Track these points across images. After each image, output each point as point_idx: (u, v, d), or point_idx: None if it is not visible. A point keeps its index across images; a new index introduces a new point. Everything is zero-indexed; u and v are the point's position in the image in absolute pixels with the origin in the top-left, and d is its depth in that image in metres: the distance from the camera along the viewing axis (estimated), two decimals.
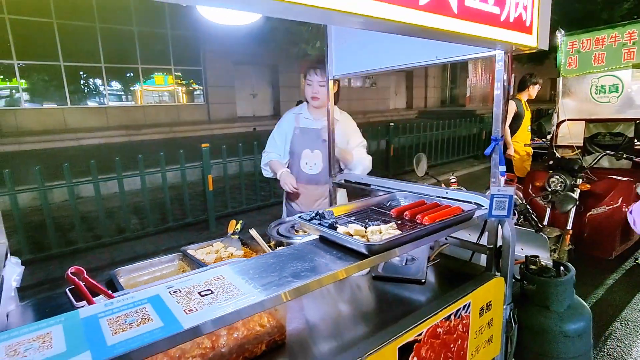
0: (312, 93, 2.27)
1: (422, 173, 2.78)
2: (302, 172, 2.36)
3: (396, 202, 1.64)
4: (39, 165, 4.14)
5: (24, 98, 12.79)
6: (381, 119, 16.55)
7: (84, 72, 13.84)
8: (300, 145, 2.35)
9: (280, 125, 2.42)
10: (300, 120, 2.38)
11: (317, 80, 2.24)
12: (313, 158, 2.35)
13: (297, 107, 2.45)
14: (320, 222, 1.23)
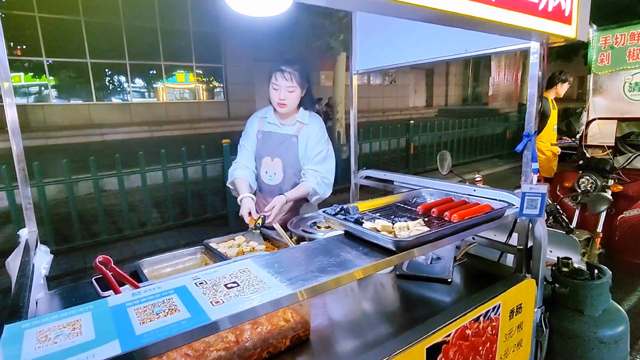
0: (279, 99, 1.94)
1: (446, 171, 2.72)
2: (262, 182, 2.11)
3: (422, 199, 1.60)
4: (65, 159, 4.26)
5: (52, 94, 13.22)
6: (400, 117, 16.37)
7: (109, 69, 14.20)
8: (260, 151, 2.08)
9: (246, 130, 2.12)
10: (264, 124, 2.08)
11: (286, 85, 1.91)
12: (273, 166, 2.07)
13: (263, 110, 2.14)
14: (346, 217, 1.20)
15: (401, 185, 2.00)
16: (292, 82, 1.92)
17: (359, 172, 2.24)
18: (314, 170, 2.06)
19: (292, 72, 1.91)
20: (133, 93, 14.81)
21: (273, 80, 1.93)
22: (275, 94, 1.94)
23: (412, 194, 1.60)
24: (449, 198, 1.48)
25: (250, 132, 2.10)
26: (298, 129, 2.05)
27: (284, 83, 1.92)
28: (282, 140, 2.05)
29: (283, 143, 2.05)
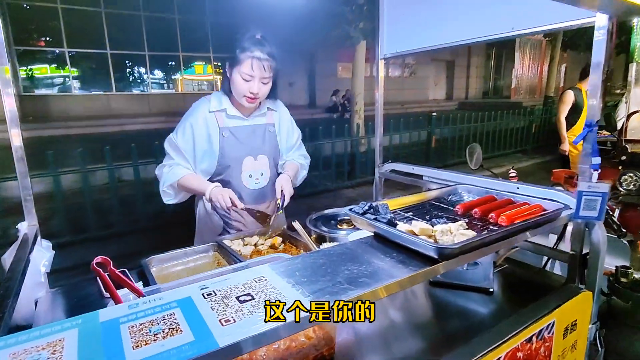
0: (250, 92, 1.58)
1: (477, 166, 2.52)
2: (246, 188, 1.73)
3: (458, 196, 1.42)
4: (83, 148, 4.22)
5: (74, 85, 13.40)
6: (419, 110, 15.99)
7: (128, 60, 14.31)
8: (236, 151, 1.69)
9: (191, 128, 1.64)
10: (223, 118, 1.67)
11: (261, 76, 1.57)
12: (258, 167, 1.75)
13: (206, 100, 1.69)
14: (376, 217, 1.04)
15: (430, 180, 1.83)
16: (268, 73, 1.58)
17: (383, 165, 2.07)
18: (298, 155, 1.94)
19: (269, 60, 1.56)
20: (152, 84, 14.92)
21: (244, 69, 1.54)
22: (245, 85, 1.57)
23: (447, 191, 1.43)
24: (491, 196, 1.30)
25: (202, 131, 1.65)
26: (270, 117, 1.80)
27: (260, 74, 1.56)
28: (260, 134, 1.75)
29: (263, 136, 1.76)
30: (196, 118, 1.65)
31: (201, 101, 1.70)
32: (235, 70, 1.57)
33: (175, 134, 1.67)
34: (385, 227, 0.99)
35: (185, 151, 1.66)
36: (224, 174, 1.70)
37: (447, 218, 1.16)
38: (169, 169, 1.67)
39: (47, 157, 3.94)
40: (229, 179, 1.71)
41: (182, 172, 1.65)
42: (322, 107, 16.03)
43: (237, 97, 1.63)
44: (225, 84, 1.66)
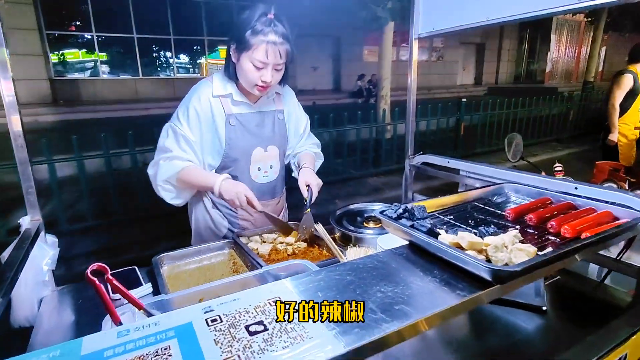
0: (262, 81, 1.38)
1: (516, 158, 2.30)
2: (254, 183, 1.56)
3: (504, 197, 1.24)
4: (109, 132, 4.21)
5: (102, 69, 13.60)
6: (447, 96, 15.44)
7: (154, 45, 14.37)
8: (245, 142, 1.50)
9: (196, 114, 1.43)
10: (229, 105, 1.47)
11: (275, 62, 1.36)
12: (268, 159, 1.57)
13: (210, 84, 1.47)
14: (413, 224, 0.89)
15: (469, 175, 1.64)
16: (283, 58, 1.39)
17: (415, 156, 1.89)
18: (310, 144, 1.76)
19: (284, 43, 1.36)
20: (177, 68, 14.98)
21: (256, 55, 1.33)
22: (256, 74, 1.37)
23: (492, 191, 1.24)
24: (546, 199, 1.12)
25: (208, 117, 1.45)
26: (279, 102, 1.61)
27: (274, 60, 1.36)
28: (269, 122, 1.56)
29: (273, 124, 1.57)
30: (200, 103, 1.44)
31: (202, 84, 1.48)
32: (245, 56, 1.36)
33: (178, 122, 1.44)
34: (425, 237, 0.83)
35: (193, 142, 1.45)
36: (231, 168, 1.51)
37: (496, 225, 0.99)
38: (165, 162, 1.43)
39: (72, 141, 3.95)
40: (237, 174, 1.52)
41: (182, 164, 1.42)
42: (347, 92, 15.70)
43: (247, 86, 1.44)
44: (230, 69, 1.45)
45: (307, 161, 1.62)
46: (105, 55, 13.71)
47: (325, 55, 16.51)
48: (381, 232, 1.48)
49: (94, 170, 4.62)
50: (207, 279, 1.27)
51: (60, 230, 4.06)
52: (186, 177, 1.43)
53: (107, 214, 4.39)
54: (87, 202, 4.20)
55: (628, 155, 4.10)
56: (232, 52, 1.41)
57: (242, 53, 1.37)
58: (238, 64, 1.40)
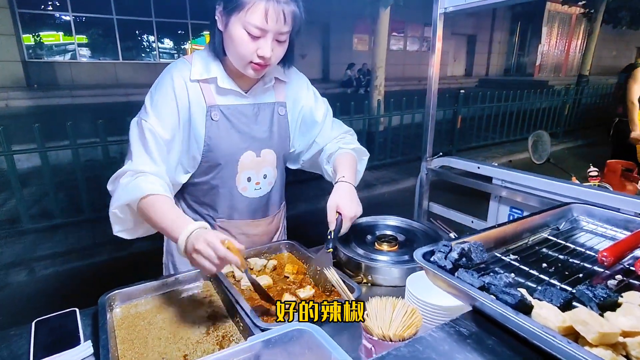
0: (257, 55, 1.01)
1: (542, 159, 2.02)
2: (241, 196, 1.21)
3: (574, 224, 0.93)
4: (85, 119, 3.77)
5: (79, 52, 12.87)
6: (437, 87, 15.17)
7: (136, 27, 13.67)
8: (231, 143, 1.13)
9: (169, 103, 1.06)
10: (214, 93, 1.11)
11: (278, 30, 0.99)
12: (261, 166, 1.21)
13: (187, 65, 1.10)
14: (489, 288, 0.57)
15: (505, 186, 1.33)
16: (289, 25, 1.01)
17: (433, 159, 1.58)
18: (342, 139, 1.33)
19: (291, 3, 0.99)
20: (160, 53, 14.32)
21: (251, 18, 0.96)
22: (251, 45, 1.00)
23: (556, 215, 0.93)
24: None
25: (183, 109, 1.08)
26: (280, 93, 1.22)
27: (276, 27, 0.98)
28: (266, 117, 1.18)
29: (271, 121, 1.19)
30: (174, 88, 1.06)
31: (178, 64, 1.10)
32: (236, 20, 0.98)
33: (145, 113, 1.06)
34: (514, 315, 0.51)
35: (166, 141, 1.06)
36: (211, 175, 1.16)
37: (586, 272, 0.68)
38: (130, 179, 1.02)
39: (34, 130, 3.51)
40: (218, 183, 1.17)
41: (151, 188, 0.99)
42: (336, 82, 15.31)
43: (237, 63, 1.05)
44: (216, 40, 1.06)
45: (346, 169, 1.19)
46: (84, 37, 12.97)
47: (314, 43, 16.04)
48: (398, 259, 1.17)
49: (63, 162, 4.19)
50: (173, 329, 0.94)
51: (23, 229, 3.66)
52: (148, 209, 0.98)
53: (77, 211, 3.98)
54: (54, 198, 3.79)
55: None
56: (219, 15, 1.03)
57: (231, 15, 0.98)
58: (226, 32, 1.02)
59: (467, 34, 21.16)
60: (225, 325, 0.95)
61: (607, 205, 0.99)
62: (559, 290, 0.59)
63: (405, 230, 1.34)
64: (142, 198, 0.98)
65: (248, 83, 1.15)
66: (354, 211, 1.10)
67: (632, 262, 0.72)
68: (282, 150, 1.24)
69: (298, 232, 1.53)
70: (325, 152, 1.30)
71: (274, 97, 1.21)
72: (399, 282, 1.10)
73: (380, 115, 6.07)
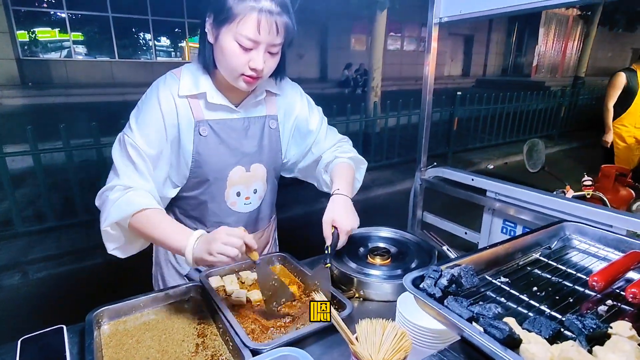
0: (250, 67, 0.99)
1: (537, 168, 2.03)
2: (230, 211, 1.20)
3: (566, 242, 0.93)
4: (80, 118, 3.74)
5: (75, 50, 12.78)
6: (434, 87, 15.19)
7: (132, 25, 13.59)
8: (220, 158, 1.12)
9: (156, 120, 1.04)
10: (203, 108, 1.09)
11: (270, 42, 0.98)
12: (251, 181, 1.19)
13: (175, 80, 1.07)
14: (478, 319, 0.56)
15: (498, 199, 1.33)
16: (281, 37, 0.99)
17: (427, 169, 1.57)
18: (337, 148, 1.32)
19: (283, 15, 0.96)
20: (157, 51, 14.24)
21: (243, 29, 0.94)
22: (243, 57, 0.98)
23: (548, 233, 0.93)
24: (637, 254, 0.80)
25: (170, 125, 1.06)
26: (271, 106, 1.20)
27: (269, 39, 0.97)
28: (256, 132, 1.16)
29: (261, 136, 1.17)
30: (160, 104, 1.04)
31: (166, 79, 1.08)
32: (227, 31, 0.96)
33: (130, 131, 1.03)
34: (502, 350, 0.50)
35: (152, 157, 1.05)
36: (200, 190, 1.15)
37: (577, 296, 0.68)
38: (120, 194, 1.00)
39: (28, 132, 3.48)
40: (206, 199, 1.15)
41: (145, 202, 0.99)
42: (333, 81, 15.29)
43: (229, 76, 1.03)
44: (206, 53, 1.04)
45: (341, 181, 1.17)
46: (79, 35, 12.88)
47: (312, 43, 16.01)
48: (391, 273, 1.16)
49: (57, 163, 4.15)
50: (162, 347, 0.92)
51: (16, 232, 3.63)
52: (142, 226, 0.99)
53: (71, 213, 3.95)
54: (47, 200, 3.75)
55: (625, 158, 3.92)
56: (209, 27, 1.01)
57: (222, 27, 0.96)
58: (217, 44, 1.00)
59: (464, 34, 21.19)
60: (214, 343, 0.93)
61: (600, 221, 0.99)
62: (548, 321, 0.58)
63: (399, 242, 1.34)
64: (137, 212, 0.98)
65: (239, 96, 1.14)
66: (350, 224, 1.09)
67: (623, 286, 0.72)
68: (273, 164, 1.23)
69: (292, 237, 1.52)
70: (323, 162, 1.29)
71: (265, 111, 1.20)
72: (391, 297, 1.10)
73: (377, 116, 6.06)
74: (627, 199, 2.57)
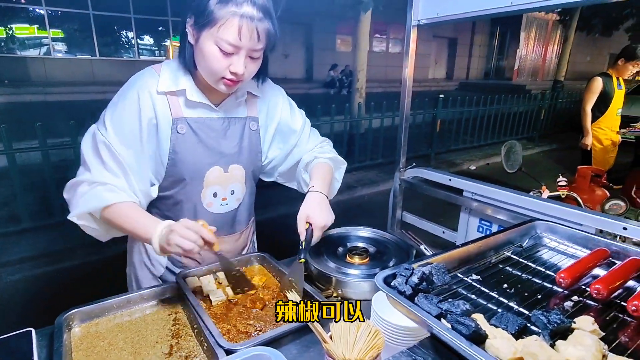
0: (230, 72, 0.98)
1: (514, 168, 2.07)
2: (207, 212, 1.17)
3: (537, 240, 0.95)
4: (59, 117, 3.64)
5: (53, 47, 12.46)
6: (418, 89, 15.34)
7: (114, 23, 13.33)
8: (197, 158, 1.09)
9: (131, 117, 1.02)
10: (182, 106, 1.07)
11: (251, 47, 0.97)
12: (228, 182, 1.17)
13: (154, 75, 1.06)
14: (446, 316, 0.57)
15: (475, 198, 1.35)
16: (262, 42, 0.98)
17: (406, 169, 1.59)
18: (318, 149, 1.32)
19: (265, 20, 0.96)
20: (140, 50, 14.00)
21: (224, 34, 0.93)
22: (223, 62, 0.97)
23: (521, 232, 0.95)
24: (603, 252, 0.83)
25: (147, 122, 1.03)
26: (252, 107, 1.20)
27: (250, 44, 0.96)
28: (236, 133, 1.15)
29: (241, 137, 1.16)
30: (138, 101, 1.02)
31: (144, 74, 1.06)
32: (207, 35, 0.95)
33: (104, 127, 1.01)
34: (468, 346, 0.51)
35: (123, 158, 1.01)
36: (175, 190, 1.12)
37: (546, 293, 0.70)
38: (87, 188, 1.01)
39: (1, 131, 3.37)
40: (182, 198, 1.13)
41: (114, 197, 0.99)
42: (319, 82, 15.31)
43: (209, 79, 1.02)
44: (186, 54, 1.03)
45: (318, 179, 1.17)
46: (59, 32, 12.56)
47: (297, 43, 15.99)
48: (369, 272, 1.17)
49: (32, 163, 4.04)
50: (134, 349, 0.91)
51: None
52: (113, 218, 1.01)
53: (47, 214, 3.84)
54: (23, 201, 3.64)
55: (601, 160, 4.04)
56: (189, 28, 1.00)
57: (203, 30, 0.95)
58: (197, 47, 0.99)
59: (448, 37, 21.50)
60: (189, 344, 0.92)
61: (571, 220, 1.01)
62: (514, 317, 0.59)
63: (377, 242, 1.34)
64: (106, 207, 0.99)
65: (219, 97, 1.12)
66: (324, 221, 1.09)
67: (589, 283, 0.74)
68: (252, 166, 1.21)
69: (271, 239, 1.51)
70: (303, 162, 1.29)
71: (245, 112, 1.19)
72: (369, 295, 1.10)
73: (362, 117, 6.10)
74: (601, 199, 2.65)
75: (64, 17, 12.46)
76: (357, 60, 7.23)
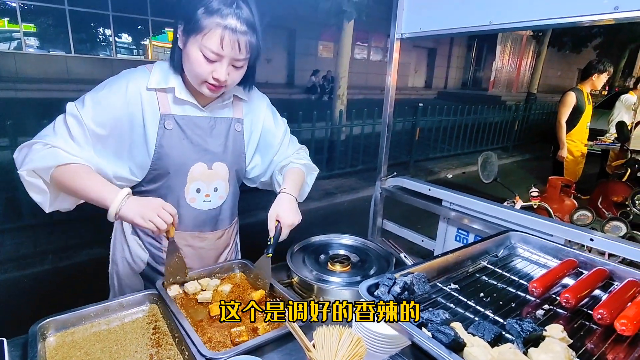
0: (215, 78, 1.03)
1: (490, 178, 2.14)
2: (189, 207, 1.19)
3: (511, 250, 0.99)
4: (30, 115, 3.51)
5: (25, 42, 12.01)
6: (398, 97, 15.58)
7: (90, 19, 12.98)
8: (182, 152, 1.13)
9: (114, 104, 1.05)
10: (171, 103, 1.11)
11: (234, 57, 1.01)
12: (212, 179, 1.20)
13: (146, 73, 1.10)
14: (427, 324, 0.59)
15: (453, 208, 1.40)
16: (245, 53, 1.03)
17: (387, 178, 1.62)
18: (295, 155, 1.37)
19: (248, 33, 1.00)
20: (118, 48, 13.67)
21: (208, 43, 0.98)
22: (206, 67, 1.02)
23: (496, 242, 0.99)
24: (571, 262, 0.87)
25: (131, 115, 1.07)
26: (237, 110, 1.24)
27: (232, 53, 1.00)
28: (221, 132, 1.19)
29: (226, 136, 1.20)
30: (127, 93, 1.05)
31: (137, 71, 1.10)
32: (193, 41, 1.00)
33: (82, 104, 1.03)
34: (447, 354, 0.54)
35: (94, 138, 1.04)
36: (159, 184, 1.15)
37: (519, 302, 0.73)
38: (43, 147, 1.00)
39: None
40: (166, 192, 1.15)
41: (71, 158, 1.01)
42: (300, 87, 15.34)
43: (194, 81, 1.07)
44: (175, 57, 1.09)
45: (289, 182, 1.22)
46: (31, 26, 12.12)
47: (279, 48, 16.00)
48: (350, 280, 1.19)
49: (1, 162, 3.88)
50: (112, 358, 0.89)
51: None
52: (67, 178, 1.00)
53: (15, 216, 3.68)
54: None
55: (572, 171, 4.23)
56: (179, 34, 1.05)
57: (189, 36, 1.01)
58: (184, 51, 1.05)
59: (428, 47, 22.00)
60: (170, 353, 0.91)
61: (542, 230, 1.06)
62: (490, 325, 0.62)
63: (359, 250, 1.37)
64: (61, 165, 0.99)
65: (206, 99, 1.16)
66: (291, 220, 1.14)
67: (559, 292, 0.78)
68: (236, 165, 1.24)
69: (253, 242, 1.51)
70: (278, 165, 1.34)
71: (231, 113, 1.22)
72: None
73: (342, 124, 6.15)
74: (570, 209, 2.77)
75: (38, 11, 12.02)
76: (339, 67, 7.30)
